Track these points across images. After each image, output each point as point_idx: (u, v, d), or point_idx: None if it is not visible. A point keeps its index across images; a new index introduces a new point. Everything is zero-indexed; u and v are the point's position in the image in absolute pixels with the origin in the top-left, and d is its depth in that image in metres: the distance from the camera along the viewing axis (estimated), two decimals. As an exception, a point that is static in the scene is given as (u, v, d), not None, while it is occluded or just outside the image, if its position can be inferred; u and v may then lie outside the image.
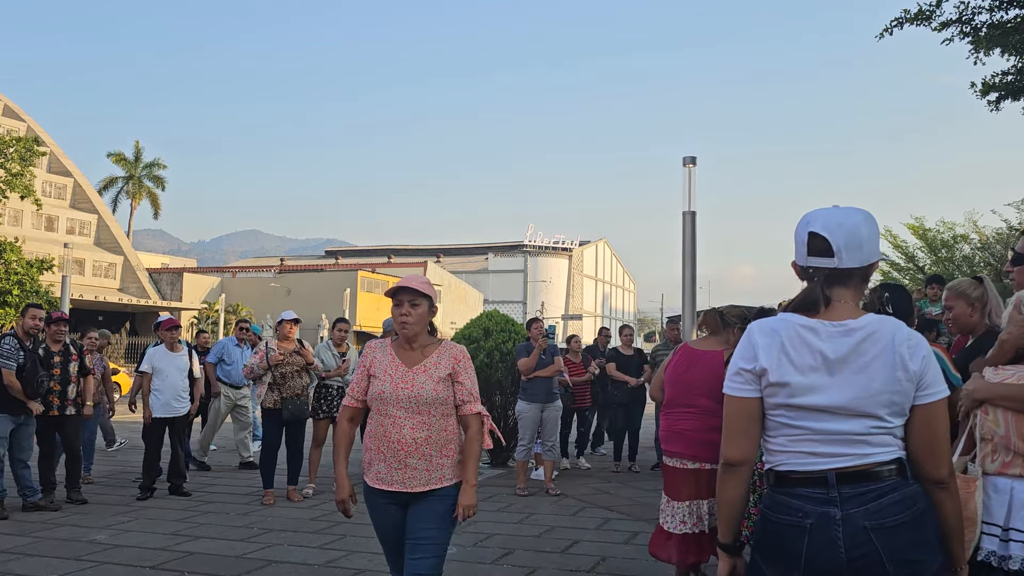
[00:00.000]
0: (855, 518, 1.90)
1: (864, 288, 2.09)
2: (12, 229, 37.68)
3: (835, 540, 1.89)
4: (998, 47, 11.77)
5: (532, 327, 8.58)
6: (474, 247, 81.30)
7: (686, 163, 11.43)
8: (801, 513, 1.94)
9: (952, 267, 22.21)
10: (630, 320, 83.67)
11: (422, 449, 3.19)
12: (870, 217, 2.05)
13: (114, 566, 5.45)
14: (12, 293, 25.01)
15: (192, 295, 45.42)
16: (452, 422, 3.27)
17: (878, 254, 2.07)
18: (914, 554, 1.89)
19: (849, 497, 1.92)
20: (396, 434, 3.18)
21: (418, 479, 3.20)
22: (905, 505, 1.92)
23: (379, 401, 3.24)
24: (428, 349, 3.31)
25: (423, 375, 3.23)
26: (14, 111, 46.45)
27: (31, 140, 27.20)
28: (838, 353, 1.97)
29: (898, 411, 1.97)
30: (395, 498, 3.27)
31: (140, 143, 56.25)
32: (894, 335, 1.98)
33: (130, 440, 11.49)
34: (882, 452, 1.96)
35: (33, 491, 7.24)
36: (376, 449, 3.25)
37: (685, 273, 11.15)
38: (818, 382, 1.97)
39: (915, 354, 1.97)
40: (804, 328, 2.00)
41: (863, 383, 1.95)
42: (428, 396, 3.19)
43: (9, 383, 6.96)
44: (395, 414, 3.19)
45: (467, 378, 3.29)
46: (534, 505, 7.66)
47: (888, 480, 1.94)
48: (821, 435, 1.97)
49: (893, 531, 1.89)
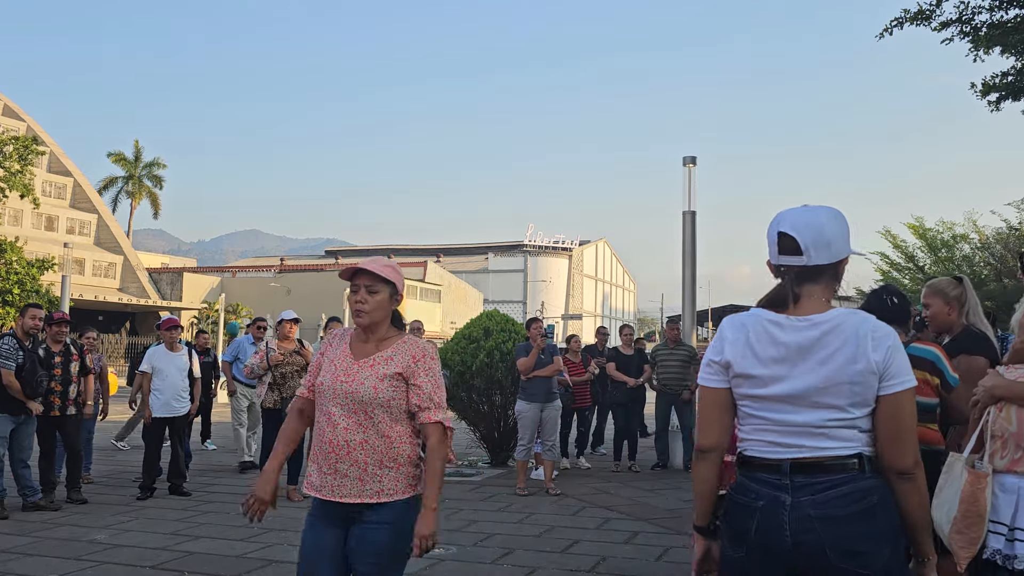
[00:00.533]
0: (803, 505, 1.97)
1: (836, 284, 2.13)
2: (12, 229, 37.67)
3: (782, 523, 1.98)
4: (998, 47, 11.77)
5: (531, 327, 8.59)
6: (474, 247, 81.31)
7: (686, 163, 11.45)
8: (755, 495, 2.04)
9: (952, 267, 22.21)
10: (630, 320, 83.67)
11: (355, 454, 2.76)
12: (838, 215, 2.11)
13: (114, 566, 5.45)
14: (12, 292, 25.03)
15: (192, 295, 45.44)
16: (402, 430, 2.80)
17: (848, 250, 2.11)
18: (856, 544, 1.94)
19: (801, 485, 1.99)
20: (330, 433, 2.80)
21: (350, 488, 2.76)
22: (855, 498, 1.96)
23: (319, 394, 2.88)
24: (385, 343, 2.87)
25: (367, 370, 2.80)
26: (14, 111, 46.47)
27: (30, 139, 27.21)
28: (801, 345, 2.03)
29: (860, 401, 2.00)
30: (330, 514, 2.82)
31: (140, 143, 56.30)
32: (859, 327, 2.02)
33: (130, 440, 11.49)
34: (842, 446, 2.00)
35: (33, 491, 7.24)
36: (314, 449, 2.89)
37: (685, 273, 11.18)
38: (779, 373, 2.04)
39: (879, 345, 1.99)
40: (770, 322, 2.08)
41: (824, 373, 2.00)
42: (366, 394, 2.76)
43: (8, 383, 6.95)
44: (332, 411, 2.81)
45: (427, 380, 2.81)
46: (534, 505, 7.66)
47: (842, 473, 1.98)
48: (782, 426, 2.04)
49: (838, 521, 1.95)
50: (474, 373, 10.03)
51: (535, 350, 8.29)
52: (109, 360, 37.54)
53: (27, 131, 44.72)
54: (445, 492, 8.34)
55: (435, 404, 2.81)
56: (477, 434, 10.59)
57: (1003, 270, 20.67)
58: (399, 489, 2.78)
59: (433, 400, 2.81)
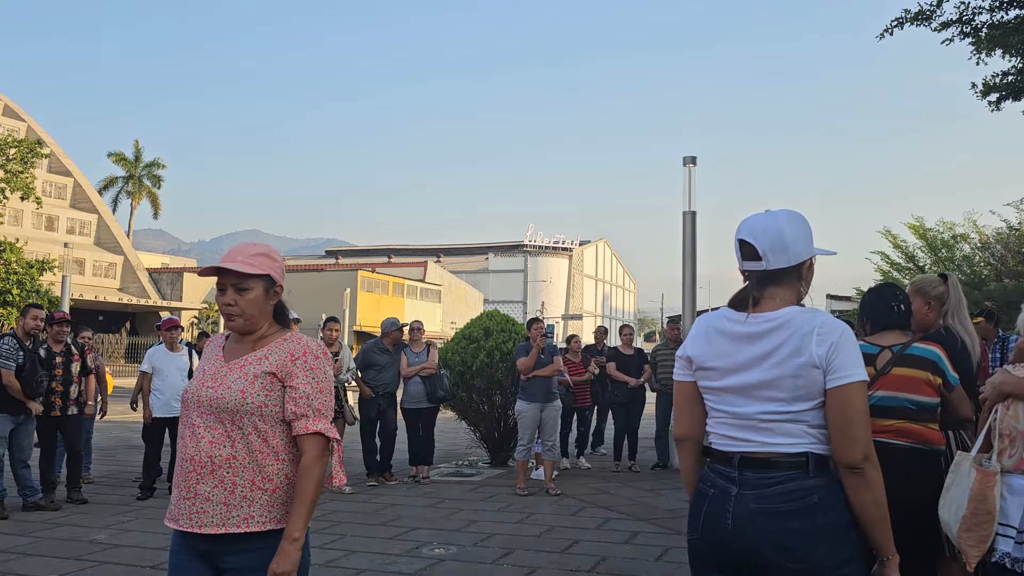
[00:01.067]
0: (747, 498, 2.06)
1: (801, 285, 2.19)
2: (12, 229, 37.67)
3: (725, 513, 2.08)
4: (999, 47, 11.76)
5: (532, 327, 8.59)
6: (474, 247, 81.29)
7: (686, 163, 11.43)
8: (710, 483, 2.16)
9: (952, 267, 22.20)
10: (630, 320, 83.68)
11: (220, 472, 2.28)
12: (797, 219, 2.18)
13: (114, 566, 5.45)
14: (12, 293, 25.05)
15: (192, 295, 45.43)
16: (279, 443, 2.35)
17: (809, 252, 2.17)
18: (788, 540, 1.99)
19: (748, 480, 2.07)
20: (192, 449, 2.33)
21: (213, 516, 2.27)
22: (796, 495, 2.02)
23: (183, 406, 2.44)
24: (263, 341, 2.43)
25: (237, 372, 2.37)
26: (14, 111, 46.47)
27: (34, 143, 27.25)
28: (751, 340, 2.13)
29: (804, 395, 2.05)
30: (193, 550, 2.34)
31: (140, 143, 56.29)
32: (805, 324, 2.07)
33: (130, 440, 11.49)
34: (788, 443, 2.06)
35: (33, 491, 7.24)
36: (175, 472, 2.41)
37: (685, 273, 11.16)
38: (730, 366, 2.15)
39: (824, 340, 2.04)
40: (728, 319, 2.19)
41: (768, 367, 2.08)
42: (232, 400, 2.31)
43: (8, 383, 6.96)
44: (195, 422, 2.35)
45: (306, 383, 2.35)
46: (534, 505, 7.66)
47: (788, 471, 2.04)
48: (733, 418, 2.14)
49: (776, 517, 2.02)
50: (474, 373, 10.03)
51: (535, 350, 8.30)
52: (109, 360, 37.57)
53: (27, 131, 44.75)
54: (445, 492, 8.40)
55: (315, 411, 2.34)
56: (477, 434, 10.59)
57: (1003, 270, 20.67)
58: (273, 517, 2.31)
59: (314, 407, 2.34)
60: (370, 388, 8.84)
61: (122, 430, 13.48)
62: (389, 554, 5.76)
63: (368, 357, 8.96)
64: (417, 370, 8.93)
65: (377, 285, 46.84)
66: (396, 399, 9.06)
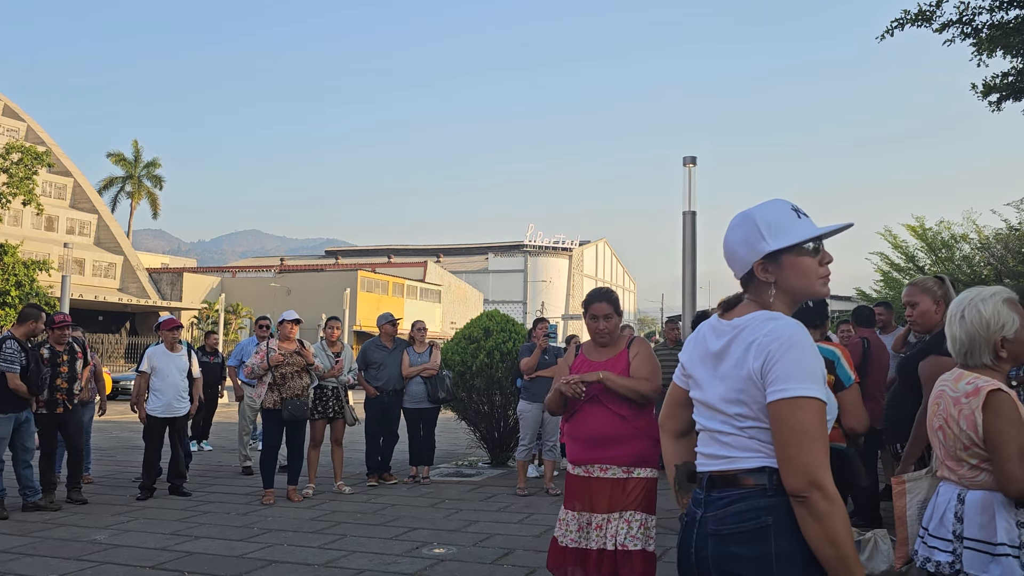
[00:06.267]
0: (707, 522, 1.93)
1: (766, 288, 1.98)
2: (12, 229, 37.68)
3: (691, 539, 1.98)
4: (999, 48, 11.76)
5: (537, 327, 8.61)
6: (474, 247, 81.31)
7: (686, 163, 11.42)
8: (688, 510, 2.05)
9: (952, 267, 22.20)
10: (630, 320, 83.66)
11: None
12: (738, 224, 2.03)
13: (114, 566, 5.45)
14: (10, 294, 25.05)
15: (192, 295, 45.44)
16: None
17: (757, 255, 1.97)
18: (735, 567, 1.85)
19: (711, 501, 1.94)
20: None
21: None
22: (747, 516, 1.86)
23: None
24: None
25: None
26: (14, 111, 46.46)
27: (43, 152, 27.30)
28: (715, 349, 2.01)
29: (748, 413, 1.90)
30: None
31: (139, 143, 56.29)
32: (751, 331, 1.92)
33: (130, 440, 11.49)
34: (746, 459, 1.90)
35: (34, 491, 7.24)
36: None
37: (685, 273, 11.14)
38: (701, 376, 2.05)
39: (761, 351, 1.86)
40: (709, 326, 2.09)
41: (722, 379, 1.96)
42: None
43: (15, 387, 7.00)
44: None
45: None
46: (534, 505, 7.66)
47: (744, 489, 1.89)
48: (705, 432, 2.03)
49: (724, 539, 1.88)
50: (474, 373, 10.03)
51: (537, 350, 8.30)
52: (109, 360, 37.52)
53: (27, 131, 44.77)
54: (445, 492, 8.40)
55: None
56: (477, 434, 10.59)
57: (1003, 270, 20.65)
58: None
59: None
60: (373, 387, 8.84)
61: (122, 430, 13.48)
62: (389, 554, 5.76)
63: (367, 355, 8.95)
64: (418, 370, 8.92)
65: (377, 285, 46.86)
66: (401, 396, 8.99)
